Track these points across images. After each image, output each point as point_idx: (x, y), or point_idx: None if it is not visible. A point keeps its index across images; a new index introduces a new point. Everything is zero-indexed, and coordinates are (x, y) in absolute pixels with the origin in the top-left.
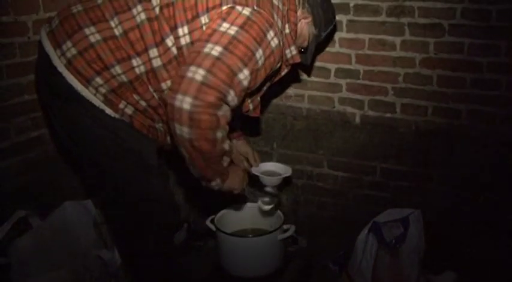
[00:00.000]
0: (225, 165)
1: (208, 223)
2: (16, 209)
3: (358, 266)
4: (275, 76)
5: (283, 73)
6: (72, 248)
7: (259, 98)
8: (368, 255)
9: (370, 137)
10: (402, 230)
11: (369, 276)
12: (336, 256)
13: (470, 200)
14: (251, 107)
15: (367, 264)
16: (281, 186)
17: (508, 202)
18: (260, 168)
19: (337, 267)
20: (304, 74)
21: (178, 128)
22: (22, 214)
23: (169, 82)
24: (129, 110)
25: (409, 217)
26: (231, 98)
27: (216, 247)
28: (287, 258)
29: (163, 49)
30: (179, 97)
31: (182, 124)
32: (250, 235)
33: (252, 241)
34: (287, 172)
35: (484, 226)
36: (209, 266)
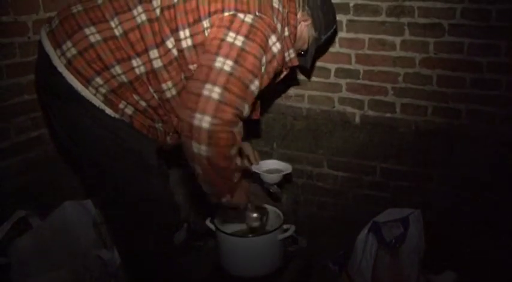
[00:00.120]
0: (235, 181)
1: (208, 223)
2: (16, 209)
3: (358, 266)
4: (275, 79)
5: (282, 76)
6: (72, 248)
7: (259, 101)
8: (368, 255)
9: (370, 137)
10: (402, 230)
11: (369, 276)
12: (336, 256)
13: (470, 200)
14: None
15: (367, 264)
16: (282, 183)
17: (508, 202)
18: (261, 166)
19: (337, 267)
20: (304, 74)
21: (195, 146)
22: (22, 214)
23: (169, 83)
24: (129, 110)
25: (409, 217)
26: (246, 111)
27: (216, 247)
28: (287, 258)
29: (163, 50)
30: (198, 116)
31: (201, 142)
32: (250, 235)
33: (252, 241)
34: (287, 169)
35: (484, 226)
36: (209, 266)
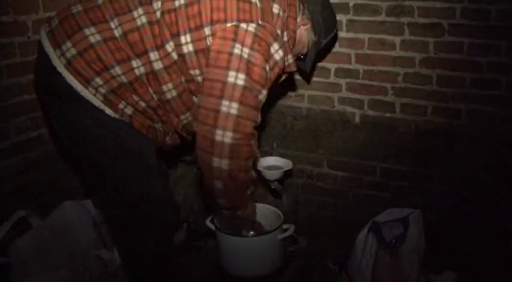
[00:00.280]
0: (249, 193)
1: (208, 223)
2: (16, 209)
3: (357, 266)
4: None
5: (280, 80)
6: (72, 248)
7: None
8: (368, 255)
9: (369, 137)
10: (402, 230)
11: (369, 276)
12: (336, 256)
13: (470, 200)
14: None
15: (366, 264)
16: (282, 179)
17: (508, 202)
18: (261, 163)
19: (337, 267)
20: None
21: (216, 161)
22: (22, 214)
23: (170, 85)
24: (129, 110)
25: (409, 217)
26: (259, 120)
27: (216, 247)
28: (287, 258)
29: (163, 53)
30: (219, 132)
31: (222, 157)
32: (250, 235)
33: (252, 241)
34: (288, 166)
35: (484, 226)
36: (209, 266)
